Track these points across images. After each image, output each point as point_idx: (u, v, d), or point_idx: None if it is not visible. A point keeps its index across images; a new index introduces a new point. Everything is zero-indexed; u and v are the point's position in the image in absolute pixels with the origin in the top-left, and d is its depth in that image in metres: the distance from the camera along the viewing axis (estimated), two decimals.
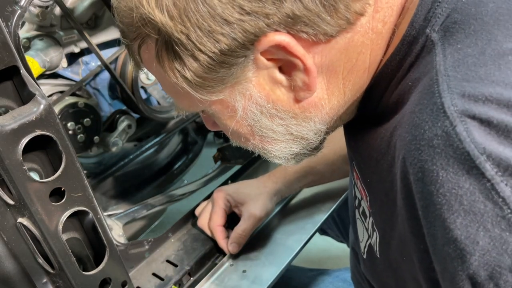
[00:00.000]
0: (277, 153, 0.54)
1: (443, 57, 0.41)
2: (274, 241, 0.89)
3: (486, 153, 0.35)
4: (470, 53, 0.40)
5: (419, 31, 0.44)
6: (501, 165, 0.34)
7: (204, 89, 0.47)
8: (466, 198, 0.36)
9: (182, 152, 1.25)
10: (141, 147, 1.15)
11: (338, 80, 0.49)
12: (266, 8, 0.41)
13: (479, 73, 0.38)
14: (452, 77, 0.39)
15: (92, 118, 0.87)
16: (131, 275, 0.83)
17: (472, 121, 0.36)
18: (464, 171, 0.36)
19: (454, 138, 0.36)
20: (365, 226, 0.57)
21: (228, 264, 0.86)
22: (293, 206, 0.98)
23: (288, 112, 0.49)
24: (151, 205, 0.98)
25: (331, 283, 0.98)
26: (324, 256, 1.62)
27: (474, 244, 0.35)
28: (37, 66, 0.79)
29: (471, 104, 0.37)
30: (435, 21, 0.43)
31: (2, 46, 0.44)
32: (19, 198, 0.46)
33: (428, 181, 0.38)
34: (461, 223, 0.36)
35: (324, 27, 0.43)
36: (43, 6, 0.77)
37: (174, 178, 1.21)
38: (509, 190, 0.34)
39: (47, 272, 0.54)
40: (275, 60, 0.45)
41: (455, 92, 0.38)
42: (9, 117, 0.44)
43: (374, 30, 0.47)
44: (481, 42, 0.40)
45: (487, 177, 0.35)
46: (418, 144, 0.39)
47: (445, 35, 0.42)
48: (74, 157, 0.48)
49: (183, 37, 0.42)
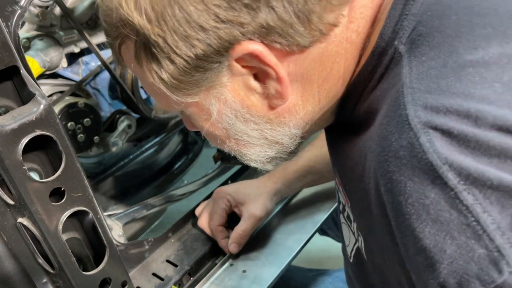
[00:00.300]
0: (253, 157, 0.55)
1: (409, 69, 0.42)
2: (274, 241, 0.89)
3: (448, 163, 0.36)
4: (433, 65, 0.41)
5: (388, 43, 0.45)
6: (462, 174, 0.35)
7: (180, 91, 0.48)
8: (433, 208, 0.36)
9: (182, 152, 1.25)
10: (141, 147, 1.15)
11: (313, 88, 0.50)
12: (241, 18, 0.42)
13: (441, 85, 0.39)
14: (416, 89, 0.40)
15: (92, 118, 0.87)
16: (131, 275, 0.83)
17: (434, 132, 0.37)
18: (429, 181, 0.36)
19: (418, 149, 0.37)
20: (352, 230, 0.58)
21: (228, 264, 0.86)
22: (293, 206, 0.98)
23: (262, 117, 0.50)
24: (151, 205, 0.98)
25: (331, 283, 0.98)
26: (324, 256, 1.62)
27: (442, 252, 0.36)
28: (37, 66, 0.79)
29: (433, 115, 0.38)
30: (402, 33, 0.44)
31: (2, 46, 0.44)
32: (19, 198, 0.46)
33: (396, 191, 0.39)
34: (429, 232, 0.37)
35: (297, 38, 0.44)
36: (43, 6, 0.76)
37: (174, 178, 1.21)
38: (471, 198, 0.35)
39: (47, 272, 0.54)
40: (249, 67, 0.46)
41: (419, 104, 0.39)
42: (9, 117, 0.44)
43: (348, 40, 0.48)
44: (443, 54, 0.41)
45: (450, 186, 0.35)
46: (386, 156, 0.40)
47: (411, 48, 0.43)
48: (74, 157, 0.48)
49: (160, 40, 0.43)
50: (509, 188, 0.34)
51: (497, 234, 0.34)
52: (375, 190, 0.43)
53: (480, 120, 0.36)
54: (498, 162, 0.35)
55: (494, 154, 0.35)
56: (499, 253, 0.34)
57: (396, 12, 0.45)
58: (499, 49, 0.39)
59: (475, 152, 0.36)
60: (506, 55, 0.39)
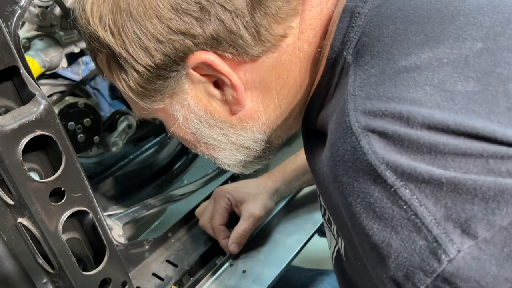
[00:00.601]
0: (225, 161, 0.59)
1: (354, 78, 0.45)
2: (274, 241, 0.89)
3: (385, 162, 0.38)
4: (373, 73, 0.43)
5: (338, 54, 0.48)
6: (398, 171, 0.37)
7: (146, 98, 0.52)
8: (377, 205, 0.38)
9: (182, 152, 1.24)
10: (141, 147, 1.15)
11: (272, 94, 0.53)
12: (192, 29, 0.46)
13: (379, 91, 0.41)
14: (358, 96, 0.43)
15: (92, 118, 0.87)
16: (131, 275, 0.83)
17: (372, 134, 0.40)
18: (372, 180, 0.39)
19: (359, 152, 0.40)
20: (332, 233, 0.59)
21: (228, 264, 0.86)
22: (293, 206, 0.98)
23: (225, 122, 0.54)
24: (151, 205, 0.98)
25: (329, 283, 0.98)
26: (324, 257, 1.62)
27: (389, 247, 0.38)
28: (37, 66, 0.79)
29: (371, 119, 0.40)
30: (350, 44, 0.47)
31: (2, 46, 0.44)
32: (19, 198, 0.46)
33: (347, 193, 0.41)
34: (377, 229, 0.39)
35: (247, 49, 0.48)
36: (43, 6, 0.76)
37: (174, 178, 1.20)
38: (408, 193, 0.37)
39: (47, 272, 0.54)
40: (207, 76, 0.50)
41: (359, 110, 0.42)
42: (9, 117, 0.44)
43: (300, 49, 0.51)
44: (382, 62, 0.43)
45: (389, 184, 0.37)
46: (335, 160, 0.43)
47: (357, 57, 0.46)
48: (74, 157, 0.48)
49: (123, 51, 0.48)
50: (440, 181, 0.36)
51: (434, 225, 0.36)
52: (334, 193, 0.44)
53: (411, 121, 0.38)
54: (429, 158, 0.37)
55: (425, 150, 0.37)
56: (437, 243, 0.35)
57: (344, 25, 0.48)
58: (430, 54, 0.41)
59: (408, 150, 0.38)
60: (436, 59, 0.41)
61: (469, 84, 0.39)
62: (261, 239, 0.90)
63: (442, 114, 0.38)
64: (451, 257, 0.35)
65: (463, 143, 0.36)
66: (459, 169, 0.36)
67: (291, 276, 0.99)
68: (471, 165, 0.36)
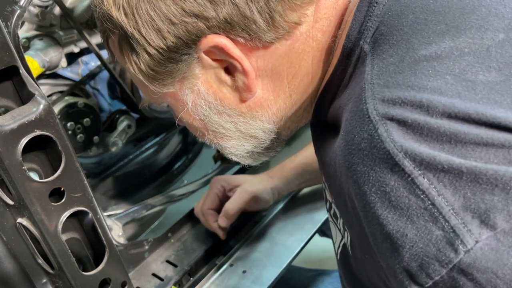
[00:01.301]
0: (232, 150, 0.58)
1: (371, 66, 0.44)
2: (274, 241, 0.89)
3: (403, 150, 0.37)
4: (392, 61, 0.43)
5: (355, 43, 0.48)
6: (416, 160, 0.37)
7: (157, 81, 0.52)
8: (393, 194, 0.38)
9: (182, 152, 1.24)
10: (141, 147, 1.15)
11: (283, 83, 0.53)
12: (206, 12, 0.45)
13: (398, 79, 0.41)
14: (376, 84, 0.42)
15: (92, 118, 0.87)
16: (131, 275, 0.83)
17: (391, 122, 0.39)
18: (389, 169, 0.38)
19: (377, 140, 0.39)
20: (338, 227, 0.59)
21: (228, 264, 0.86)
22: (293, 206, 0.98)
23: (235, 110, 0.54)
24: (151, 205, 0.98)
25: (330, 283, 0.98)
26: (324, 257, 1.62)
27: (404, 237, 0.38)
28: (36, 66, 0.78)
29: (390, 107, 0.40)
30: (367, 33, 0.47)
31: (1, 46, 0.44)
32: (19, 198, 0.46)
33: (361, 182, 0.41)
34: (392, 218, 0.38)
35: (260, 34, 0.47)
36: (43, 6, 0.76)
37: (174, 178, 1.20)
38: (426, 182, 0.36)
39: (47, 272, 0.54)
40: (219, 61, 0.50)
41: (377, 98, 0.41)
42: (9, 117, 0.44)
43: (314, 38, 0.51)
44: (401, 51, 0.43)
45: (407, 172, 0.37)
46: (350, 149, 0.43)
47: (374, 46, 0.46)
48: (74, 157, 0.48)
49: (135, 32, 0.47)
50: (459, 170, 0.35)
51: (452, 215, 0.35)
52: (346, 183, 0.44)
53: (431, 109, 0.38)
54: (449, 147, 0.36)
55: (445, 139, 0.37)
56: (454, 233, 0.35)
57: (361, 14, 0.48)
58: (451, 43, 0.41)
59: (428, 139, 0.37)
60: (457, 49, 0.41)
61: (491, 74, 0.38)
62: (261, 239, 0.90)
63: (463, 103, 0.37)
64: (468, 248, 0.34)
65: (484, 133, 0.36)
66: (479, 159, 0.35)
67: (291, 276, 0.99)
68: (492, 155, 0.35)
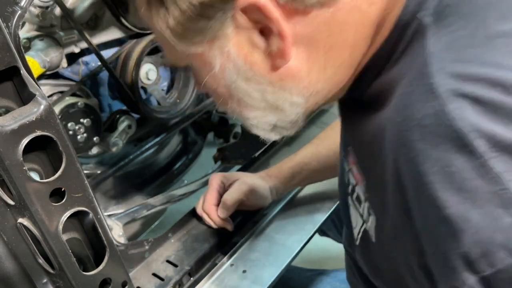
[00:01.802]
0: (254, 122, 0.54)
1: (436, 39, 0.41)
2: (274, 241, 0.89)
3: (477, 130, 0.35)
4: (462, 35, 0.40)
5: (411, 16, 0.44)
6: (492, 141, 0.34)
7: (184, 40, 0.48)
8: (459, 176, 0.36)
9: (182, 152, 1.25)
10: (141, 147, 1.15)
11: (319, 54, 0.48)
12: None
13: (470, 54, 0.39)
14: (444, 58, 0.40)
15: (92, 118, 0.87)
16: (131, 275, 0.83)
17: (462, 99, 0.37)
18: (456, 148, 0.36)
19: (444, 117, 0.37)
20: (360, 212, 0.57)
21: (228, 264, 0.86)
22: (293, 206, 0.98)
23: (264, 77, 0.49)
24: (151, 205, 0.98)
25: (329, 283, 0.98)
26: (324, 257, 1.62)
27: (466, 221, 0.35)
28: (37, 66, 0.79)
29: (462, 83, 0.37)
30: (428, 5, 0.43)
31: (2, 47, 0.44)
32: (19, 199, 0.46)
33: (419, 161, 0.38)
34: (454, 201, 0.36)
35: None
36: (43, 6, 0.76)
37: (174, 178, 1.21)
38: (501, 165, 0.34)
39: (47, 272, 0.54)
40: (254, 22, 0.46)
41: (446, 72, 0.39)
42: (9, 118, 0.44)
43: (359, 9, 0.46)
44: (472, 24, 0.40)
45: (478, 153, 0.35)
46: (408, 125, 0.40)
47: (438, 19, 0.43)
48: (74, 157, 0.48)
49: None
50: None
51: None
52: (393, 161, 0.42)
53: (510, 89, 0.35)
54: None
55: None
56: None
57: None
58: None
59: (505, 120, 0.35)
60: None
61: None
62: (261, 239, 0.90)
63: None
64: None
65: None
66: None
67: (291, 276, 1.00)
68: None
